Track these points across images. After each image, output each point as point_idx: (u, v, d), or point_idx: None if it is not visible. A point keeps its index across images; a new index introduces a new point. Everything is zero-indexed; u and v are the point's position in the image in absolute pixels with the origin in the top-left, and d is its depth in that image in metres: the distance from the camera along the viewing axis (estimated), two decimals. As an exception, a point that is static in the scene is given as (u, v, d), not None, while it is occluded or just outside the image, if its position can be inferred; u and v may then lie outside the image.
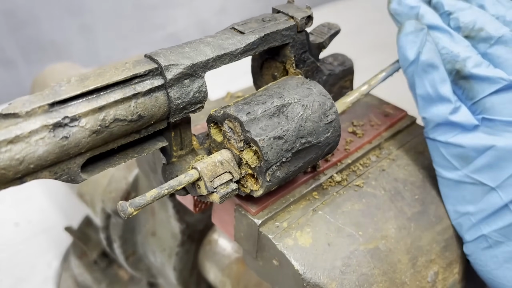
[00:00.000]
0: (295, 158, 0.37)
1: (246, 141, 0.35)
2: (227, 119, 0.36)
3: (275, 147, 0.35)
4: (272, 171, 0.35)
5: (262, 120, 0.35)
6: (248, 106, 0.36)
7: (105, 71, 0.32)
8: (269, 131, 0.35)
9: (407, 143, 0.50)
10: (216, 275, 0.63)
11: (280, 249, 0.38)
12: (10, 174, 0.27)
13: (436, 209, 0.46)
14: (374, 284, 0.39)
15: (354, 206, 0.42)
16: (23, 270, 0.83)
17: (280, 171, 0.36)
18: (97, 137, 0.30)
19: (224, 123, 0.37)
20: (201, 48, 0.36)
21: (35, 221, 0.92)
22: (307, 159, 0.38)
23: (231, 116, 0.36)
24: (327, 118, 0.38)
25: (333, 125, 0.38)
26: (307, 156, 0.38)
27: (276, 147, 0.35)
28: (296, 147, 0.36)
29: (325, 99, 0.38)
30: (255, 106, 0.36)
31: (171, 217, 0.61)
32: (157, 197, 0.33)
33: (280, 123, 0.36)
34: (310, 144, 0.37)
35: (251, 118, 0.35)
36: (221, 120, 0.37)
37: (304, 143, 0.36)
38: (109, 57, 1.42)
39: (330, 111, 0.38)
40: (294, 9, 0.42)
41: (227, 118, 0.36)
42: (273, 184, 0.36)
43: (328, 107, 0.38)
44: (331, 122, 0.38)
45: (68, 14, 1.28)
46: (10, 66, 1.26)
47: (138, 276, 0.74)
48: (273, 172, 0.35)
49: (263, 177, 0.35)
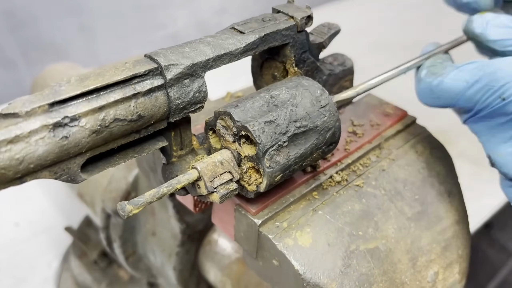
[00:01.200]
0: (293, 143, 0.37)
1: (239, 132, 0.36)
2: (219, 118, 0.37)
3: (268, 130, 0.35)
4: (270, 156, 0.35)
5: (251, 111, 0.36)
6: (237, 102, 0.37)
7: (105, 71, 0.32)
8: (259, 117, 0.36)
9: (407, 143, 0.50)
10: (216, 275, 0.63)
11: (280, 249, 0.38)
12: (10, 174, 0.27)
13: (436, 209, 0.46)
14: (374, 284, 0.39)
15: (354, 206, 0.42)
16: (23, 270, 0.83)
17: (280, 157, 0.36)
18: (97, 137, 0.30)
19: (217, 123, 0.37)
20: (201, 48, 0.36)
21: (35, 221, 0.92)
22: (308, 145, 0.37)
23: (221, 113, 0.36)
24: (320, 103, 0.38)
25: (329, 109, 0.38)
26: (308, 142, 0.37)
27: (269, 130, 0.35)
28: (291, 131, 0.36)
29: (314, 87, 0.39)
30: (244, 101, 0.37)
31: (171, 217, 0.60)
32: (157, 196, 0.33)
33: (270, 111, 0.36)
34: (307, 128, 0.37)
35: (240, 109, 0.36)
36: (215, 123, 0.38)
37: (299, 127, 0.37)
38: (109, 57, 1.42)
39: (321, 96, 0.38)
40: (294, 9, 0.42)
41: (218, 117, 0.37)
42: (276, 171, 0.36)
43: (319, 93, 0.38)
44: (325, 106, 0.38)
45: (68, 14, 1.28)
46: (10, 66, 1.26)
47: (138, 276, 0.74)
48: (272, 157, 0.35)
49: (263, 164, 0.35)
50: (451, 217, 0.47)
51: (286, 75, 0.44)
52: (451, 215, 0.47)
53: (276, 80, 0.45)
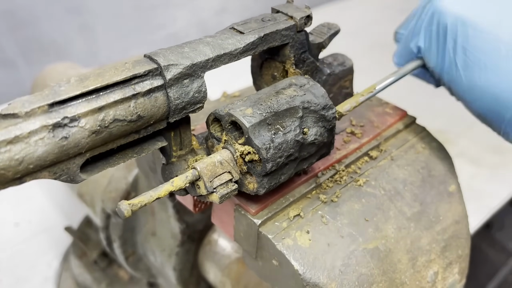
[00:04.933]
0: (278, 116, 0.36)
1: (226, 124, 0.37)
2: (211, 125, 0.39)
3: (254, 111, 0.36)
4: (254, 127, 0.35)
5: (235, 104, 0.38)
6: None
7: (105, 71, 0.32)
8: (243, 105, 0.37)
9: (407, 143, 0.50)
10: (216, 275, 0.63)
11: (280, 249, 0.38)
12: (10, 174, 0.27)
13: (436, 209, 0.46)
14: (373, 284, 0.39)
15: (354, 206, 0.42)
16: (23, 270, 0.83)
17: (264, 129, 0.35)
18: (97, 137, 0.30)
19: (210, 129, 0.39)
20: (200, 48, 0.36)
21: (35, 221, 0.92)
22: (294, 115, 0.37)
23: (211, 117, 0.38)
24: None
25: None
26: (289, 115, 0.37)
27: (254, 111, 0.36)
28: (274, 107, 0.36)
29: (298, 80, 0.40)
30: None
31: (171, 217, 0.61)
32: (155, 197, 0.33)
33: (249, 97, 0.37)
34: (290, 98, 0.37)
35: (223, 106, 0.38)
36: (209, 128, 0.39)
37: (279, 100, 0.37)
38: (109, 57, 1.42)
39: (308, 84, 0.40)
40: (294, 9, 0.42)
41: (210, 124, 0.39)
42: (267, 141, 0.35)
43: (303, 82, 0.39)
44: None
45: (68, 14, 1.28)
46: (10, 66, 1.26)
47: (138, 276, 0.74)
48: (257, 127, 0.35)
49: (252, 142, 0.35)
50: (451, 217, 0.47)
51: (286, 75, 0.44)
52: (451, 215, 0.47)
53: (276, 80, 0.45)
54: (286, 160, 0.36)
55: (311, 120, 0.38)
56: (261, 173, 0.36)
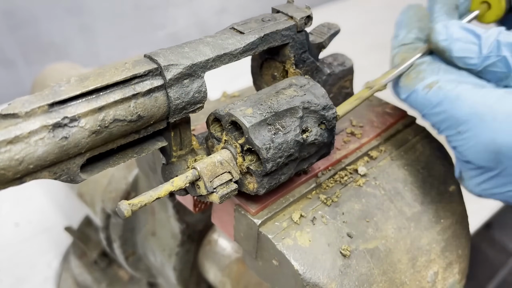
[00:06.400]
0: (278, 116, 0.36)
1: (226, 124, 0.37)
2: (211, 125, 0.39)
3: (254, 111, 0.36)
4: (254, 127, 0.35)
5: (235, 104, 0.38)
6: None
7: (105, 71, 0.32)
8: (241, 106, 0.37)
9: (407, 143, 0.50)
10: (216, 275, 0.63)
11: (280, 249, 0.38)
12: (10, 174, 0.27)
13: (436, 209, 0.46)
14: (373, 284, 0.39)
15: (354, 206, 0.42)
16: (23, 270, 0.83)
17: (260, 126, 0.35)
18: (97, 137, 0.30)
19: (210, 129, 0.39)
20: (200, 48, 0.36)
21: (35, 221, 0.92)
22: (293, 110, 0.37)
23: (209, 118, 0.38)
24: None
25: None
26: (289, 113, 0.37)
27: (254, 111, 0.36)
28: (274, 107, 0.36)
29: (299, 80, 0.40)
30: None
31: (171, 217, 0.61)
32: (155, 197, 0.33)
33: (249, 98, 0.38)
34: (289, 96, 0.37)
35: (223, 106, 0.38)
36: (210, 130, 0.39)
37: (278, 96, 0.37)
38: (109, 57, 1.42)
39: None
40: (294, 9, 0.42)
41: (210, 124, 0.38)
42: (267, 141, 0.35)
43: (303, 83, 0.39)
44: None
45: (68, 14, 1.28)
46: (10, 66, 1.26)
47: (138, 276, 0.74)
48: (257, 127, 0.35)
49: (251, 140, 0.35)
50: (451, 217, 0.47)
51: (286, 75, 0.44)
52: (451, 215, 0.47)
53: (276, 80, 0.45)
54: (286, 160, 0.36)
55: (311, 120, 0.38)
56: (261, 173, 0.36)
